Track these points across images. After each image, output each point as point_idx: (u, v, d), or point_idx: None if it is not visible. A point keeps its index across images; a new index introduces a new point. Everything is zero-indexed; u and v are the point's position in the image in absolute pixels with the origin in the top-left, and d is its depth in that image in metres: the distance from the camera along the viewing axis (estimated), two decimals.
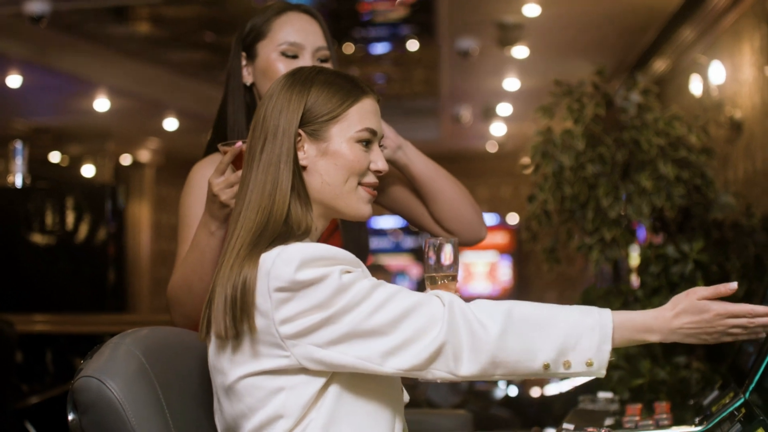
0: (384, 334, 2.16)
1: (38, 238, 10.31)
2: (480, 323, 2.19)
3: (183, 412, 2.36)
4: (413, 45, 10.17)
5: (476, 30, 8.74)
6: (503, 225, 16.41)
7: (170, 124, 12.25)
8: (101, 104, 11.00)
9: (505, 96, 11.34)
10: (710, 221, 4.20)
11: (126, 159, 13.89)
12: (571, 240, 4.19)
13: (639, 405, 3.32)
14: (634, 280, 4.27)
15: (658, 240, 4.29)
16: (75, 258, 10.43)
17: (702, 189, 4.11)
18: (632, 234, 4.08)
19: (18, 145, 11.06)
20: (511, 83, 10.58)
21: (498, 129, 13.30)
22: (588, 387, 5.65)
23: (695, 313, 2.33)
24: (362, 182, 2.37)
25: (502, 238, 16.38)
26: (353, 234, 3.16)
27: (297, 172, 2.32)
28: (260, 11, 3.14)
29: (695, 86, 7.55)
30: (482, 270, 16.41)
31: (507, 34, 8.50)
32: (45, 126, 12.54)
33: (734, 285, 2.34)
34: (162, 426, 2.28)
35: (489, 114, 12.30)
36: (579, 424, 2.83)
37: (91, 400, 2.22)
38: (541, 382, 8.05)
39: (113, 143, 13.29)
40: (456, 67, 10.07)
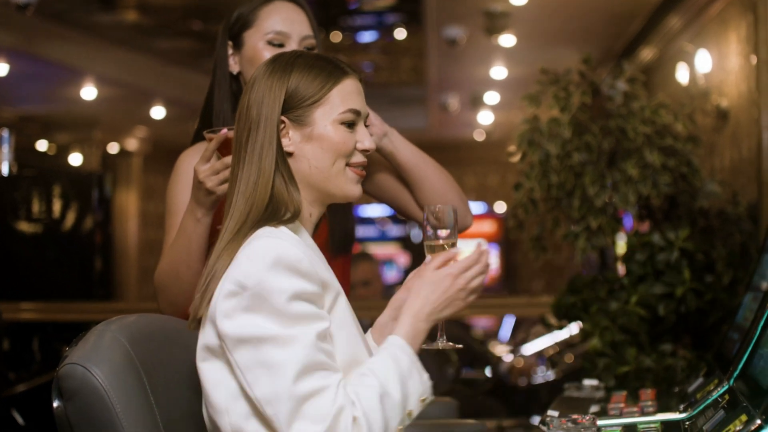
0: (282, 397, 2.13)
1: (25, 227, 10.28)
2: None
3: (168, 399, 2.37)
4: (401, 33, 10.16)
5: (463, 18, 8.73)
6: (491, 214, 16.38)
7: (158, 113, 12.21)
8: (88, 92, 10.96)
9: (493, 84, 11.33)
10: (696, 209, 4.21)
11: (113, 147, 13.85)
12: (558, 228, 4.19)
13: (624, 392, 3.34)
14: (620, 268, 4.27)
15: (644, 228, 4.30)
16: (62, 246, 10.41)
17: (688, 177, 4.12)
18: (618, 222, 4.08)
19: (5, 134, 11.05)
20: (499, 71, 10.57)
21: (485, 117, 13.29)
22: (574, 375, 5.67)
23: (429, 288, 2.39)
24: (350, 163, 2.38)
25: (490, 227, 16.35)
26: (339, 222, 3.16)
27: (281, 159, 2.33)
28: (247, 0, 3.15)
29: (682, 74, 7.55)
30: None
31: (494, 23, 8.50)
32: (32, 114, 12.50)
33: (485, 246, 2.49)
34: (147, 413, 2.28)
35: (476, 102, 12.29)
36: (564, 412, 2.84)
37: (76, 387, 2.22)
38: (528, 371, 8.08)
39: (100, 132, 13.25)
40: (443, 56, 10.06)
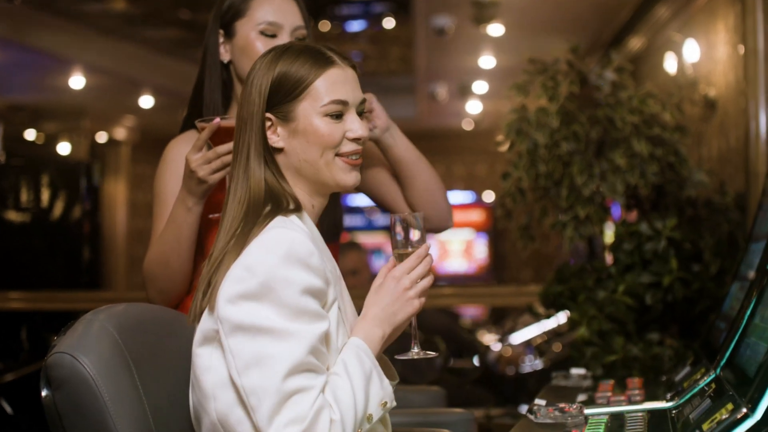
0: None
1: (13, 216, 10.27)
2: None
3: (156, 388, 2.37)
4: (389, 23, 10.15)
5: (452, 7, 8.72)
6: (479, 203, 16.37)
7: (146, 102, 12.17)
8: (77, 82, 10.92)
9: (481, 74, 11.32)
10: (684, 199, 4.22)
11: (102, 136, 13.79)
12: (546, 217, 4.20)
13: (612, 381, 3.35)
14: (608, 258, 4.28)
15: (632, 217, 4.31)
16: (50, 235, 10.40)
17: (676, 167, 4.13)
18: (606, 211, 4.09)
19: None
20: (487, 61, 10.56)
21: (474, 107, 13.29)
22: (562, 364, 5.68)
23: (378, 294, 2.40)
24: (340, 152, 2.39)
25: (478, 216, 16.35)
26: (327, 211, 3.17)
27: (268, 157, 2.34)
28: None
29: (670, 64, 7.56)
30: (458, 248, 16.38)
31: (482, 12, 8.49)
32: (20, 103, 12.44)
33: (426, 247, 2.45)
34: (135, 402, 2.28)
35: (465, 92, 12.28)
36: (552, 401, 2.85)
37: (65, 376, 2.22)
38: (516, 360, 8.09)
39: (89, 121, 13.20)
40: (432, 45, 10.05)
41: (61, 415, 2.25)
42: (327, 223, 3.16)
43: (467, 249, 16.52)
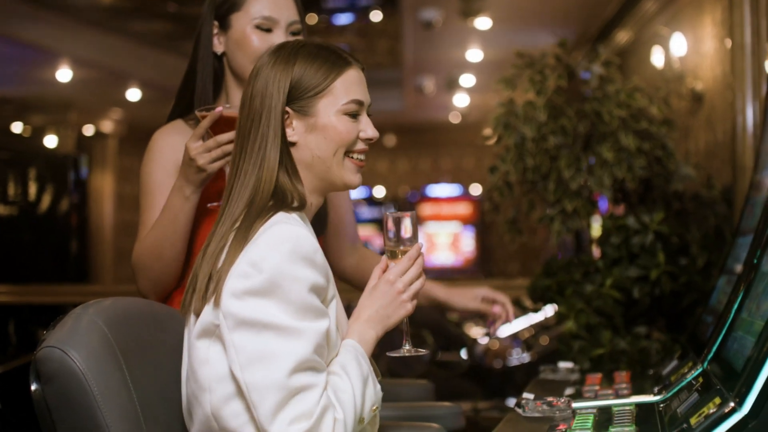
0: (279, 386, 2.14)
1: (0, 209, 10.25)
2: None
3: (146, 382, 2.37)
4: (376, 16, 10.15)
5: (439, 1, 8.74)
6: (466, 196, 16.39)
7: (133, 95, 12.17)
8: (64, 74, 10.92)
9: (468, 67, 11.34)
10: (671, 192, 4.23)
11: (89, 129, 13.79)
12: (533, 211, 4.21)
13: (599, 375, 3.36)
14: (595, 251, 4.29)
15: (619, 211, 4.32)
16: (37, 228, 10.39)
17: (663, 160, 4.13)
18: (593, 205, 4.10)
19: None
20: (474, 54, 10.58)
21: (461, 100, 13.31)
22: (549, 357, 5.69)
23: (372, 296, 2.42)
24: (352, 150, 2.41)
25: (465, 209, 16.37)
26: None
27: (285, 150, 2.35)
28: None
29: (657, 58, 7.57)
30: (445, 241, 16.40)
31: (470, 5, 8.51)
32: (7, 96, 12.43)
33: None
34: (124, 396, 2.29)
35: (452, 85, 12.30)
36: (539, 394, 2.85)
37: (54, 371, 2.22)
38: (503, 353, 8.11)
39: (76, 114, 13.19)
40: (419, 38, 10.06)
41: (51, 409, 2.25)
42: (314, 218, 3.18)
43: (454, 242, 16.54)
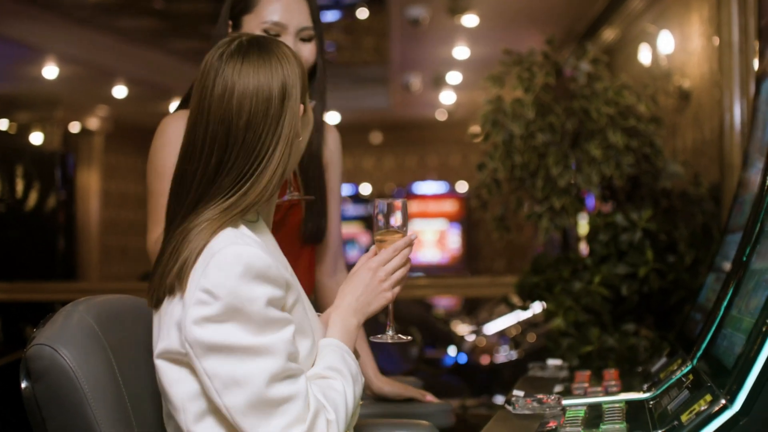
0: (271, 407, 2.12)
1: None
2: None
3: (136, 380, 2.37)
4: (363, 13, 10.13)
5: None
6: (452, 193, 16.38)
7: (119, 92, 12.14)
8: (50, 71, 10.88)
9: (455, 64, 11.33)
10: (659, 190, 4.24)
11: (75, 127, 13.75)
12: (521, 208, 4.21)
13: (588, 372, 3.36)
14: (583, 248, 4.30)
15: (607, 208, 4.33)
16: (25, 226, 10.37)
17: (651, 158, 4.14)
18: (581, 202, 4.10)
19: None
20: (461, 52, 10.57)
21: (448, 97, 13.30)
22: (537, 354, 5.70)
23: (351, 282, 2.43)
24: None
25: (451, 206, 16.36)
26: (314, 217, 3.24)
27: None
28: None
29: (644, 55, 7.58)
30: (431, 238, 16.39)
31: (457, 3, 8.51)
32: None
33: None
34: (115, 393, 2.28)
35: (439, 82, 12.30)
36: (529, 391, 2.85)
37: (45, 368, 2.22)
38: (491, 350, 8.12)
39: (62, 111, 13.15)
40: (406, 36, 10.06)
41: (41, 406, 2.25)
42: (311, 229, 3.22)
43: (440, 239, 16.53)
